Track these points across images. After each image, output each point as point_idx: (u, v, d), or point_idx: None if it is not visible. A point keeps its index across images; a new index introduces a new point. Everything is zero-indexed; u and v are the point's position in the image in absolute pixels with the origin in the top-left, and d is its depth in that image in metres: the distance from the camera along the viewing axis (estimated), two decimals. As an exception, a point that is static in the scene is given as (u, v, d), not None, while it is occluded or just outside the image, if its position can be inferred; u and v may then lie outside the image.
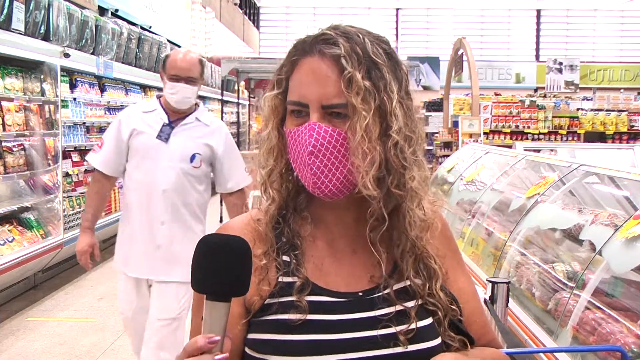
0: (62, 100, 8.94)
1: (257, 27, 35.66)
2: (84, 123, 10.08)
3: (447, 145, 15.59)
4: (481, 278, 5.49)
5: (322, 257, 1.50)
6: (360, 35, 1.43)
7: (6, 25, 7.38)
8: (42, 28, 8.28)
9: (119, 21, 11.72)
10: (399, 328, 1.41)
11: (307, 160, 1.39)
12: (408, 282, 1.47)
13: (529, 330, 4.18)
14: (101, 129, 10.39)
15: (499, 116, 16.29)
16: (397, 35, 36.71)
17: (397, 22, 36.85)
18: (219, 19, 22.02)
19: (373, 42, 1.43)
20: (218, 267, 1.22)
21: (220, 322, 1.22)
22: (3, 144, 7.84)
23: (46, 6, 8.33)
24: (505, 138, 15.87)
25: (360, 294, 1.46)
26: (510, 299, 3.84)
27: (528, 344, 4.04)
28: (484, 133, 14.90)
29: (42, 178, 8.74)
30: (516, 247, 5.29)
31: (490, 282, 3.68)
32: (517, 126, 16.22)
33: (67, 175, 9.29)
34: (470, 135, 13.73)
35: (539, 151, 10.26)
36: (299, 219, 1.53)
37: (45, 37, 8.42)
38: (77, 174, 9.72)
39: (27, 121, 8.29)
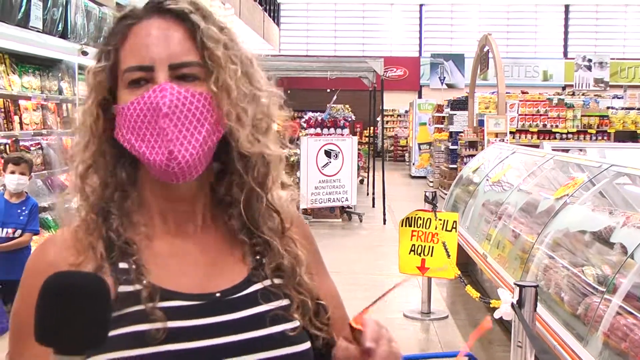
0: (79, 99, 9.00)
1: (278, 24, 35.66)
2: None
3: (472, 144, 15.53)
4: (508, 282, 5.46)
5: (164, 257, 1.30)
6: (200, 3, 1.31)
7: (24, 23, 7.44)
8: (60, 26, 8.34)
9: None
10: (265, 332, 1.26)
11: (162, 125, 1.21)
12: (274, 279, 1.33)
13: (558, 335, 4.16)
14: (119, 128, 10.43)
15: (525, 115, 16.21)
16: (420, 32, 36.58)
17: (420, 18, 36.69)
18: (238, 16, 22.06)
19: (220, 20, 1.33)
20: (69, 316, 1.01)
21: None
22: (20, 143, 7.91)
23: (64, 3, 8.38)
24: (532, 137, 15.78)
25: (218, 294, 1.29)
26: (538, 303, 3.83)
27: (557, 350, 4.02)
28: (511, 132, 14.83)
29: (59, 178, 8.81)
30: (544, 249, 5.26)
31: (518, 285, 3.67)
32: (544, 125, 16.13)
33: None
34: (496, 135, 13.67)
35: (567, 151, 10.19)
36: (127, 222, 1.31)
37: (63, 35, 8.47)
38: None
39: (44, 120, 8.36)
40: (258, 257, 1.35)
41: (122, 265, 1.26)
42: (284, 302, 1.31)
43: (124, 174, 1.32)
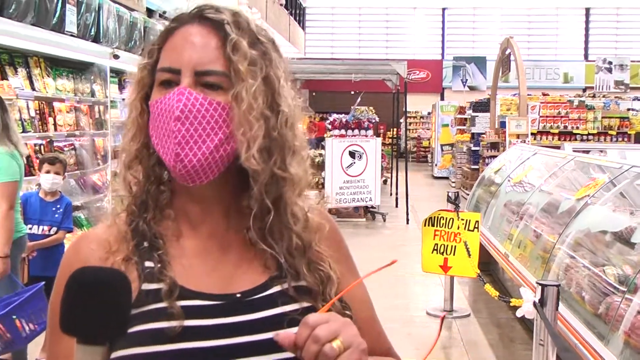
0: (111, 101, 9.08)
1: (303, 27, 35.69)
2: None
3: (494, 146, 15.45)
4: (529, 280, 5.43)
5: (189, 257, 1.32)
6: (244, 16, 1.33)
7: (58, 27, 7.51)
8: (93, 30, 8.41)
9: (167, 23, 11.84)
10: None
11: (172, 127, 1.23)
12: (297, 283, 1.32)
13: (579, 334, 4.13)
14: (149, 129, 10.50)
15: (547, 117, 16.12)
16: (443, 35, 36.48)
17: (443, 22, 36.58)
18: (265, 20, 22.13)
19: (257, 26, 1.34)
20: (92, 308, 1.07)
21: None
22: (54, 144, 7.99)
23: (96, 9, 8.45)
24: (553, 139, 15.70)
25: (238, 295, 1.29)
26: (559, 302, 3.80)
27: (578, 349, 3.99)
28: (532, 134, 14.75)
29: (91, 177, 8.88)
30: (565, 249, 5.22)
31: (540, 285, 3.65)
32: (565, 127, 16.04)
33: (115, 174, 9.40)
34: (518, 136, 13.58)
35: (588, 152, 10.11)
36: (160, 217, 1.34)
37: (96, 39, 8.55)
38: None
39: (77, 121, 8.44)
40: (287, 256, 1.34)
41: (148, 263, 1.29)
42: (304, 305, 1.30)
43: (163, 169, 1.34)
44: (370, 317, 1.47)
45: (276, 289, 1.31)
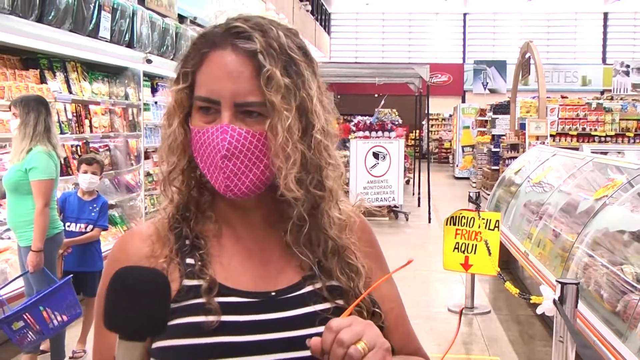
0: (144, 104, 9.13)
1: (328, 32, 35.72)
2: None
3: (514, 147, 15.35)
4: (549, 279, 5.39)
5: (228, 256, 1.35)
6: (274, 29, 1.28)
7: (94, 33, 7.57)
8: (127, 36, 8.47)
9: (198, 28, 11.90)
10: (313, 330, 1.26)
11: (220, 164, 1.25)
12: (329, 283, 1.33)
13: (598, 331, 4.08)
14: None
15: (565, 119, 15.98)
16: (464, 39, 36.35)
17: (464, 26, 36.46)
18: (291, 25, 22.16)
19: (287, 35, 1.30)
20: (133, 306, 1.09)
21: None
22: (90, 145, 8.06)
23: (131, 15, 8.51)
24: (571, 140, 15.56)
25: (273, 293, 1.31)
26: (578, 300, 3.76)
27: (597, 346, 3.95)
28: (551, 135, 14.63)
29: (125, 177, 8.95)
30: (584, 248, 5.17)
31: (560, 283, 3.62)
32: (583, 129, 15.89)
33: (148, 174, 9.47)
34: (537, 138, 13.48)
35: (606, 153, 10.03)
36: (201, 218, 1.38)
37: (130, 44, 8.61)
38: (157, 174, 9.87)
39: (112, 123, 8.51)
40: (315, 263, 1.35)
41: (189, 260, 1.31)
42: (336, 305, 1.31)
43: (202, 175, 1.35)
44: (399, 317, 1.46)
45: (309, 288, 1.33)
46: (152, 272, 1.16)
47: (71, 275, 5.14)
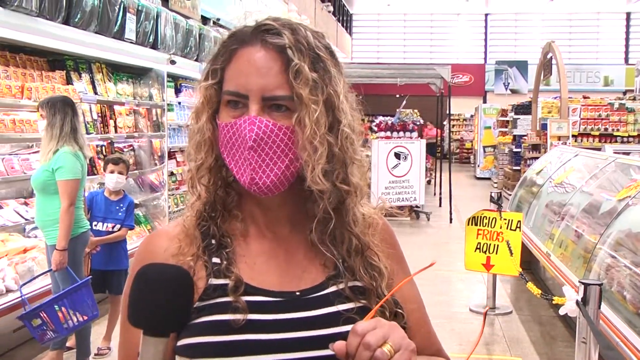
0: (168, 104, 9.18)
1: (350, 33, 35.69)
2: (188, 125, 10.20)
3: (536, 147, 15.26)
4: (571, 279, 5.36)
5: (254, 256, 1.36)
6: (302, 29, 1.31)
7: (119, 35, 7.63)
8: (151, 37, 8.52)
9: (221, 29, 11.94)
10: (336, 330, 1.27)
11: (247, 156, 1.26)
12: (352, 283, 1.34)
13: (621, 333, 4.05)
14: (204, 131, 10.60)
15: (587, 119, 15.87)
16: (485, 40, 36.18)
17: (485, 27, 36.28)
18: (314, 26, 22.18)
19: (314, 36, 1.32)
20: (156, 302, 1.11)
21: (157, 359, 1.13)
22: (115, 145, 8.12)
23: (155, 17, 8.56)
24: (594, 141, 15.46)
25: (298, 293, 1.33)
26: (601, 301, 3.73)
27: (620, 347, 3.92)
28: (573, 136, 14.52)
29: (149, 177, 9.00)
30: (606, 249, 5.13)
31: (583, 283, 3.59)
32: (605, 129, 15.76)
33: (171, 174, 9.52)
34: (559, 138, 13.37)
35: (628, 154, 9.93)
36: (228, 217, 1.39)
37: (154, 46, 8.66)
38: (181, 173, 9.95)
39: (136, 124, 8.56)
40: (339, 262, 1.36)
41: (215, 259, 1.33)
42: (360, 305, 1.32)
43: (229, 175, 1.37)
44: (421, 318, 1.47)
45: (333, 288, 1.34)
46: (174, 268, 1.19)
47: (90, 277, 5.19)
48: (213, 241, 1.35)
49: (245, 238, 1.38)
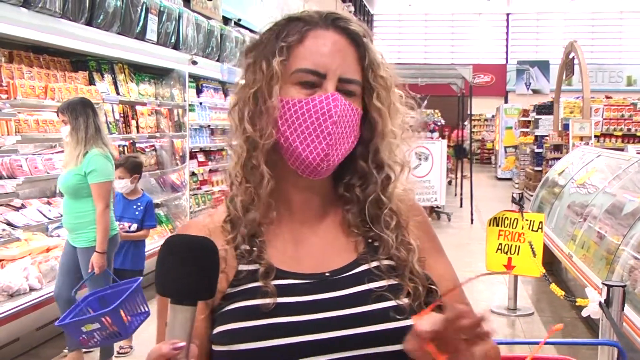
0: (189, 105, 9.22)
1: (371, 33, 35.62)
2: (209, 126, 10.35)
3: (557, 148, 15.13)
4: (593, 281, 5.31)
5: (285, 242, 1.38)
6: (366, 27, 1.41)
7: (141, 36, 7.67)
8: (173, 38, 8.56)
9: (242, 30, 11.98)
10: (366, 308, 1.29)
11: (330, 130, 1.28)
12: (383, 261, 1.35)
13: (644, 335, 4.01)
14: (224, 132, 10.64)
15: (610, 119, 15.72)
16: (507, 39, 35.94)
17: (507, 27, 36.04)
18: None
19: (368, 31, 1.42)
20: (182, 269, 1.12)
21: (185, 327, 1.11)
22: (137, 145, 8.16)
23: (176, 17, 8.60)
24: (616, 141, 15.31)
25: (327, 274, 1.34)
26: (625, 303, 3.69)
27: (643, 349, 3.87)
28: (595, 136, 14.38)
29: (170, 177, 9.04)
30: (629, 251, 5.08)
31: (606, 285, 3.56)
32: (629, 129, 15.61)
33: (193, 174, 9.56)
34: (581, 138, 13.26)
35: (652, 154, 9.81)
36: (261, 205, 1.38)
37: (175, 46, 8.70)
38: (202, 174, 10.00)
39: (157, 124, 8.60)
40: (370, 243, 1.39)
41: (245, 246, 1.36)
42: (391, 282, 1.33)
43: (267, 161, 1.37)
44: (458, 295, 1.45)
45: (364, 267, 1.36)
46: (199, 237, 1.19)
47: (141, 278, 5.16)
48: (245, 229, 1.37)
49: (277, 225, 1.40)
